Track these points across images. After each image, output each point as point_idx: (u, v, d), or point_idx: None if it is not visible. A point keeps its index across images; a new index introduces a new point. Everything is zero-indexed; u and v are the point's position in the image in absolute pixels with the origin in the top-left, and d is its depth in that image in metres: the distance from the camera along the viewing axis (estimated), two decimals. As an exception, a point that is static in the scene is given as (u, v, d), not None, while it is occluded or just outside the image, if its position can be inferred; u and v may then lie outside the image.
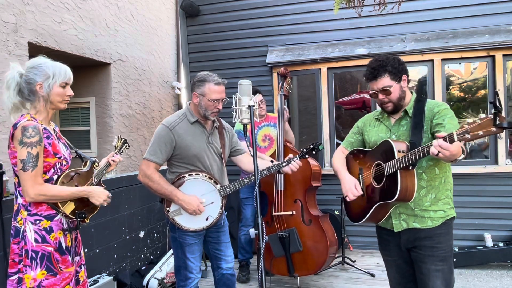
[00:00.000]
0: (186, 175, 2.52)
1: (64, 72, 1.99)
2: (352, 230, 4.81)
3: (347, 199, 2.18)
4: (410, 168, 1.93)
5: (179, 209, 2.51)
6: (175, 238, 2.61)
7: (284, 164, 2.53)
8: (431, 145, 1.74)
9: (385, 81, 2.08)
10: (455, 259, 4.21)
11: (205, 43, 5.46)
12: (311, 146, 2.57)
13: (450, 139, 1.67)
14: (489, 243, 4.22)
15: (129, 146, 2.42)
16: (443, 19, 4.60)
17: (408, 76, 2.15)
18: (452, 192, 2.15)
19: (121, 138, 2.36)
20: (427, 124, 2.05)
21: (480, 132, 1.57)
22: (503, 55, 4.35)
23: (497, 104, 1.52)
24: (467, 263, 4.19)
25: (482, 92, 4.62)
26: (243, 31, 5.27)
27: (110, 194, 2.14)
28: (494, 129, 1.54)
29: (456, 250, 4.26)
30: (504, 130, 1.58)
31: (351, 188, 2.16)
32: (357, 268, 4.09)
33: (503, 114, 1.53)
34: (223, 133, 2.72)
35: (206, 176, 2.54)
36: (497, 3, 4.44)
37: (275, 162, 2.57)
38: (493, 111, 1.54)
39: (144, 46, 5.21)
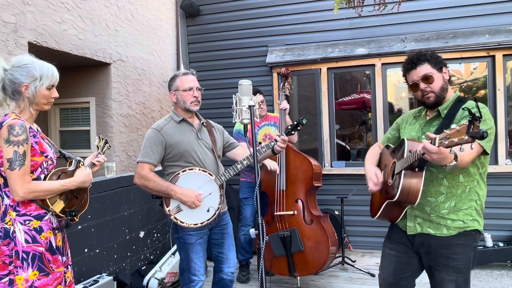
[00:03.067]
0: (180, 171, 2.53)
1: (52, 74, 1.94)
2: (352, 230, 4.81)
3: (368, 189, 2.12)
4: (416, 170, 1.84)
5: (178, 206, 2.51)
6: (178, 238, 2.60)
7: (272, 143, 2.51)
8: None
9: (426, 68, 1.99)
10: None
11: (205, 43, 5.46)
12: (295, 123, 2.55)
13: (433, 142, 1.60)
14: (489, 243, 4.21)
15: (110, 146, 2.40)
16: (443, 19, 4.60)
17: (448, 69, 2.07)
18: (481, 205, 2.01)
19: (102, 138, 2.35)
20: None
21: (455, 140, 1.50)
22: (503, 55, 4.35)
23: (473, 111, 1.42)
24: (467, 263, 4.19)
25: (482, 92, 4.62)
26: (243, 31, 5.26)
27: (90, 170, 2.13)
28: (466, 137, 1.46)
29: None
30: (476, 139, 1.45)
31: (371, 176, 2.09)
32: (357, 268, 4.09)
33: (479, 123, 1.43)
34: (212, 130, 2.75)
35: (199, 169, 2.55)
36: (497, 3, 4.44)
37: (262, 145, 2.57)
38: (469, 118, 1.43)
39: (144, 46, 5.21)
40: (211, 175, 2.55)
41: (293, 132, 2.56)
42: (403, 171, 1.87)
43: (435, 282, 2.02)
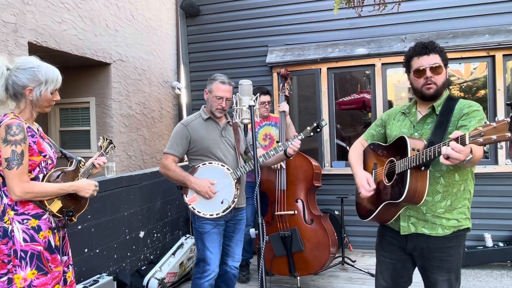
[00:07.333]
0: (200, 164, 2.72)
1: (57, 79, 1.96)
2: (352, 230, 4.81)
3: (360, 195, 2.08)
4: (423, 168, 1.80)
5: (195, 196, 2.66)
6: (195, 228, 2.75)
7: (286, 145, 2.65)
8: (442, 146, 1.60)
9: (437, 58, 1.95)
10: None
11: (205, 43, 5.46)
12: (315, 124, 2.64)
13: (461, 141, 1.53)
14: (489, 243, 4.21)
15: (114, 146, 2.38)
16: (443, 19, 4.60)
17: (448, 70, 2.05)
18: (471, 203, 2.03)
19: (107, 139, 2.33)
20: (454, 124, 1.91)
21: (494, 137, 1.45)
22: (503, 55, 4.35)
23: None
24: (467, 263, 4.19)
25: (482, 92, 4.62)
26: (243, 31, 5.27)
27: (97, 183, 2.10)
28: (509, 134, 1.41)
29: (456, 250, 4.26)
30: None
31: (363, 183, 2.04)
32: (357, 268, 4.09)
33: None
34: (238, 130, 2.90)
35: (218, 163, 2.70)
36: (497, 3, 4.44)
37: (278, 144, 2.71)
38: (511, 114, 1.39)
39: (144, 46, 5.21)
40: (229, 170, 2.69)
41: (312, 134, 2.65)
42: (409, 171, 1.81)
43: (429, 282, 2.04)
